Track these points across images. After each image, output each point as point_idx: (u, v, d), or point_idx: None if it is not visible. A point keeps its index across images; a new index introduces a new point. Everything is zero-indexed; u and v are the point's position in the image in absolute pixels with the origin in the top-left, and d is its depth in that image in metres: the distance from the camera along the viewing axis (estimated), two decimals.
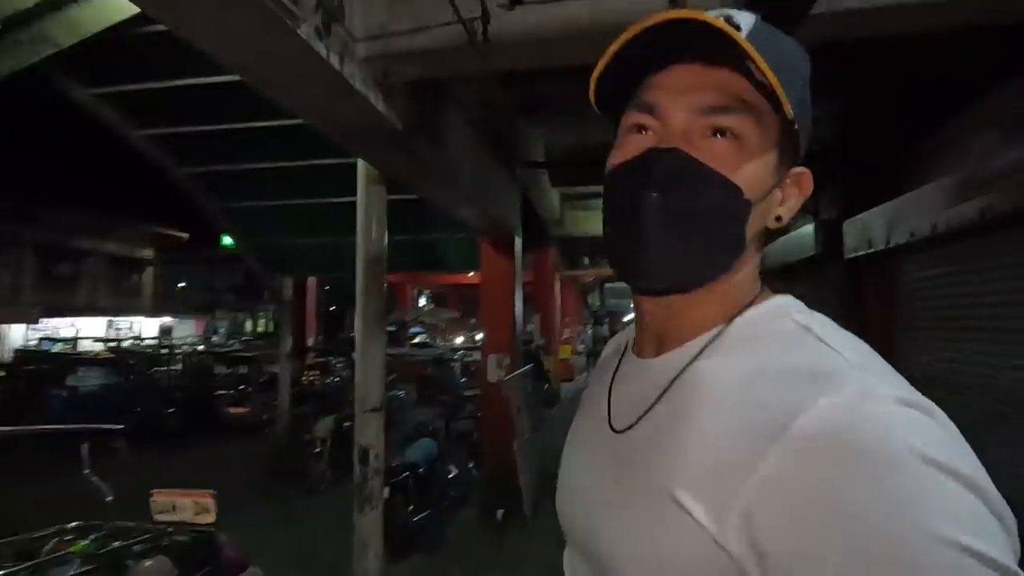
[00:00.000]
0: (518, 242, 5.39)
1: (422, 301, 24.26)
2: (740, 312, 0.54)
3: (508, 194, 4.94)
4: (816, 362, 0.46)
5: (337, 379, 11.30)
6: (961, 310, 3.84)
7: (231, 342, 19.40)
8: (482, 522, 5.00)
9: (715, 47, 0.48)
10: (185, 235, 18.82)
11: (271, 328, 26.66)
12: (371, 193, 3.12)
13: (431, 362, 13.25)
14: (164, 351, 12.11)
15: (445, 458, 5.49)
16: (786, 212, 0.55)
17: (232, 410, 9.41)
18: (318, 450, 6.40)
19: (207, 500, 2.31)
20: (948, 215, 3.43)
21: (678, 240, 0.50)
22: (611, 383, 0.63)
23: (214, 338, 20.95)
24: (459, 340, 18.70)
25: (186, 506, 2.34)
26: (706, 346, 0.53)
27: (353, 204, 5.89)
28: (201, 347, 15.78)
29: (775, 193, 0.54)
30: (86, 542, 2.14)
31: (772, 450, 0.42)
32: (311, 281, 12.14)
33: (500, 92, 4.60)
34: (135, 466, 3.14)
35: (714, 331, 0.53)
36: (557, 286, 12.44)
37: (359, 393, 3.09)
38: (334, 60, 1.89)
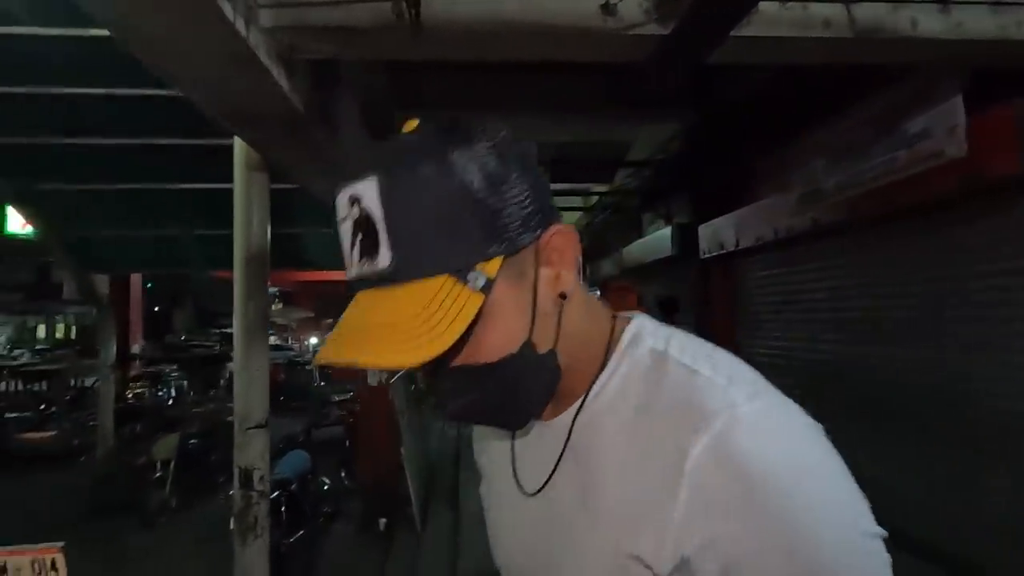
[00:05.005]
0: None
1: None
2: (607, 355, 0.57)
3: None
4: (684, 393, 0.50)
5: (171, 391, 9.93)
6: (791, 304, 4.51)
7: (18, 352, 15.97)
8: (363, 535, 4.72)
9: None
10: None
11: (73, 335, 22.49)
12: (252, 180, 2.75)
13: (284, 366, 12.19)
14: None
15: (317, 470, 5.09)
16: (566, 282, 0.53)
17: (28, 436, 7.70)
18: (159, 475, 5.53)
19: (53, 555, 1.85)
20: (787, 223, 4.00)
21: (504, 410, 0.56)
22: (512, 446, 0.65)
23: None
24: (313, 341, 17.49)
25: (21, 566, 1.84)
26: (584, 400, 0.56)
27: (191, 192, 5.24)
28: None
29: (536, 295, 0.52)
30: None
31: (679, 494, 0.47)
32: (134, 279, 10.49)
33: (381, 83, 4.37)
34: None
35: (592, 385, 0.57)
36: None
37: (239, 409, 2.72)
38: (240, 25, 1.62)
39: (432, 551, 4.06)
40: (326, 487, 5.19)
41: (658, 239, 6.55)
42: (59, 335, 22.92)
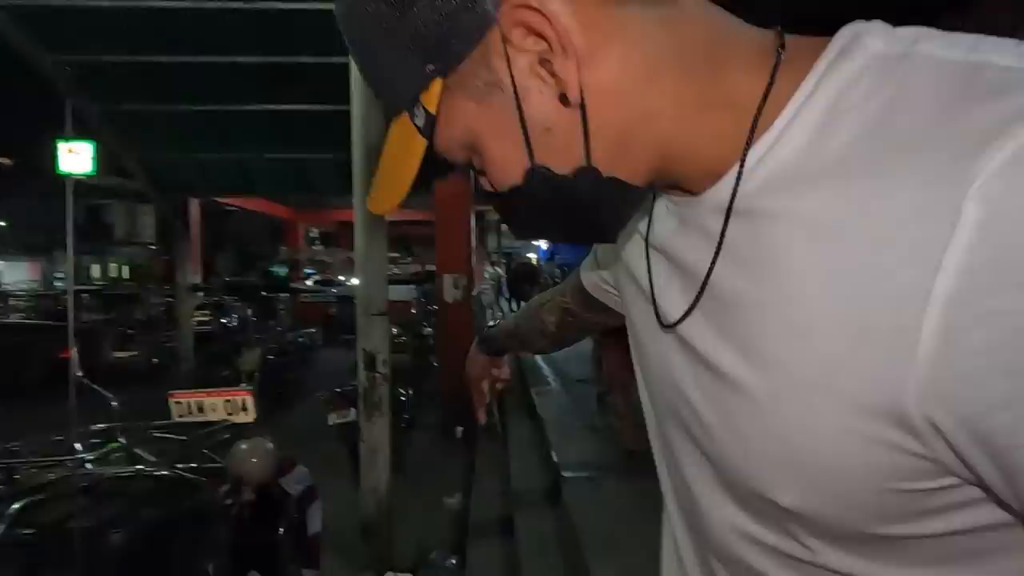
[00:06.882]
0: None
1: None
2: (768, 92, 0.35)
3: None
4: (958, 99, 0.28)
5: (233, 319, 10.41)
6: None
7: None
8: (442, 441, 5.03)
9: None
10: (6, 160, 15.48)
11: (126, 274, 23.47)
12: None
13: (335, 302, 12.62)
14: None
15: (396, 381, 5.39)
16: (564, 75, 0.34)
17: (118, 354, 8.24)
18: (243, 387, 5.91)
19: (244, 397, 2.08)
20: None
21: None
22: (646, 251, 0.46)
23: (56, 284, 17.98)
24: (355, 281, 17.99)
25: (216, 406, 2.09)
26: (740, 171, 0.35)
27: (271, 113, 5.31)
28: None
29: (520, 109, 0.36)
30: (120, 442, 1.87)
31: (939, 275, 0.26)
32: (194, 214, 10.82)
33: None
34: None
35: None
36: (472, 220, 12.32)
37: (362, 297, 2.89)
38: None
39: (517, 452, 4.31)
40: (403, 398, 5.49)
41: None
42: (112, 275, 23.96)
